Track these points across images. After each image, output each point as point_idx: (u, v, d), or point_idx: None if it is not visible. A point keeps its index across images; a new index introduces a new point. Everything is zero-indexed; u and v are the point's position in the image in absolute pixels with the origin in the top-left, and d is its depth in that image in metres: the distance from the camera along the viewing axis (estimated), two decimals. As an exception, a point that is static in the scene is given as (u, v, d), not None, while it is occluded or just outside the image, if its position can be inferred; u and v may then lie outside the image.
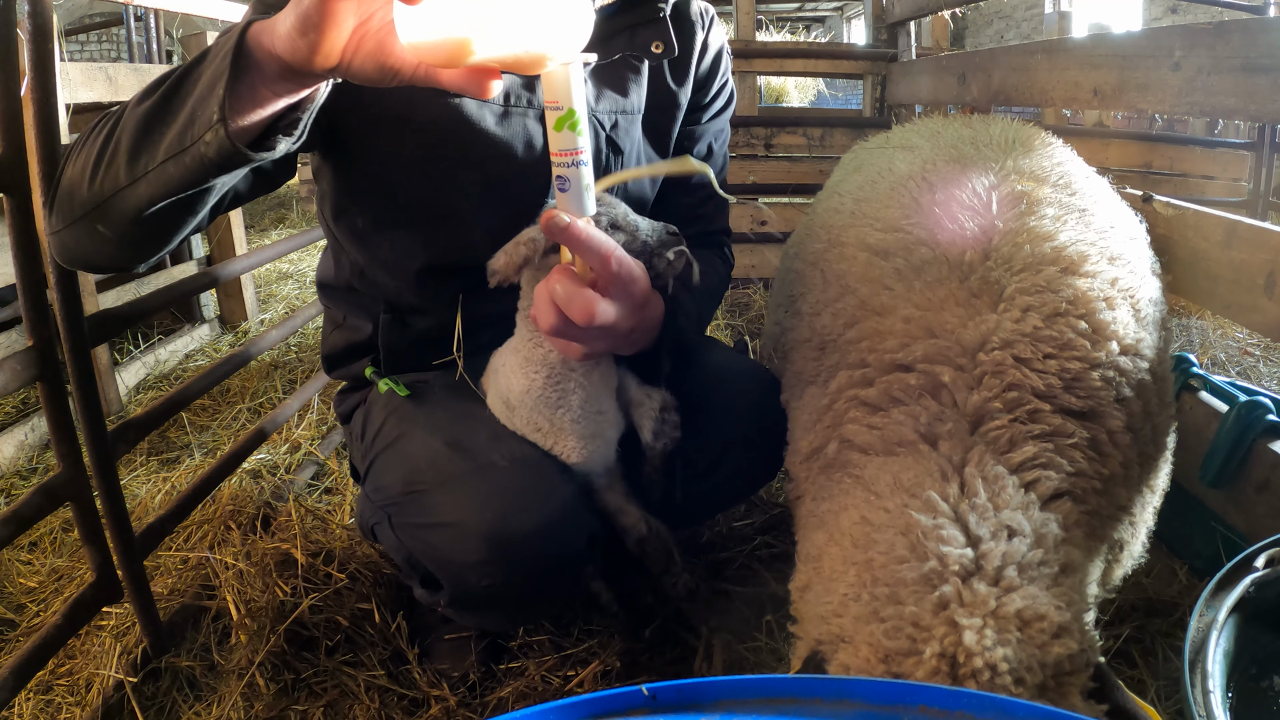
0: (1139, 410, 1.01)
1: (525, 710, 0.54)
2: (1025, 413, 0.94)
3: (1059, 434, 0.94)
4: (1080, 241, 1.08)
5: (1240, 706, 0.88)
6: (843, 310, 1.17)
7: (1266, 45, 1.32)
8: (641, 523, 1.33)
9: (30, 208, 1.21)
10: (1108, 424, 0.97)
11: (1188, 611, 0.99)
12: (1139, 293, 1.09)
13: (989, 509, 0.85)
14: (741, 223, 3.68)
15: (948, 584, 0.79)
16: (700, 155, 1.43)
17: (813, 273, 1.32)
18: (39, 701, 1.42)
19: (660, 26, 1.28)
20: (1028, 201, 1.14)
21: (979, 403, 0.96)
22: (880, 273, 1.14)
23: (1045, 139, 1.42)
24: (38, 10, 1.18)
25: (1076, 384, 0.97)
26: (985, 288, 1.04)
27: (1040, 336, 0.98)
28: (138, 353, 3.12)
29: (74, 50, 9.47)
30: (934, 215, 1.16)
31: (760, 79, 4.84)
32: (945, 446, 0.94)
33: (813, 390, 1.18)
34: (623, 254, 1.00)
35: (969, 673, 0.73)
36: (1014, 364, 0.96)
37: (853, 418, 1.05)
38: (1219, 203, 3.86)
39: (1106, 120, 5.34)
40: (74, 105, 2.69)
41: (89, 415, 1.34)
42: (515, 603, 1.22)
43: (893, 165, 1.43)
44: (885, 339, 1.06)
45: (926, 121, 1.72)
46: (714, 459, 1.35)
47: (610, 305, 1.00)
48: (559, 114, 0.87)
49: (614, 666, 1.44)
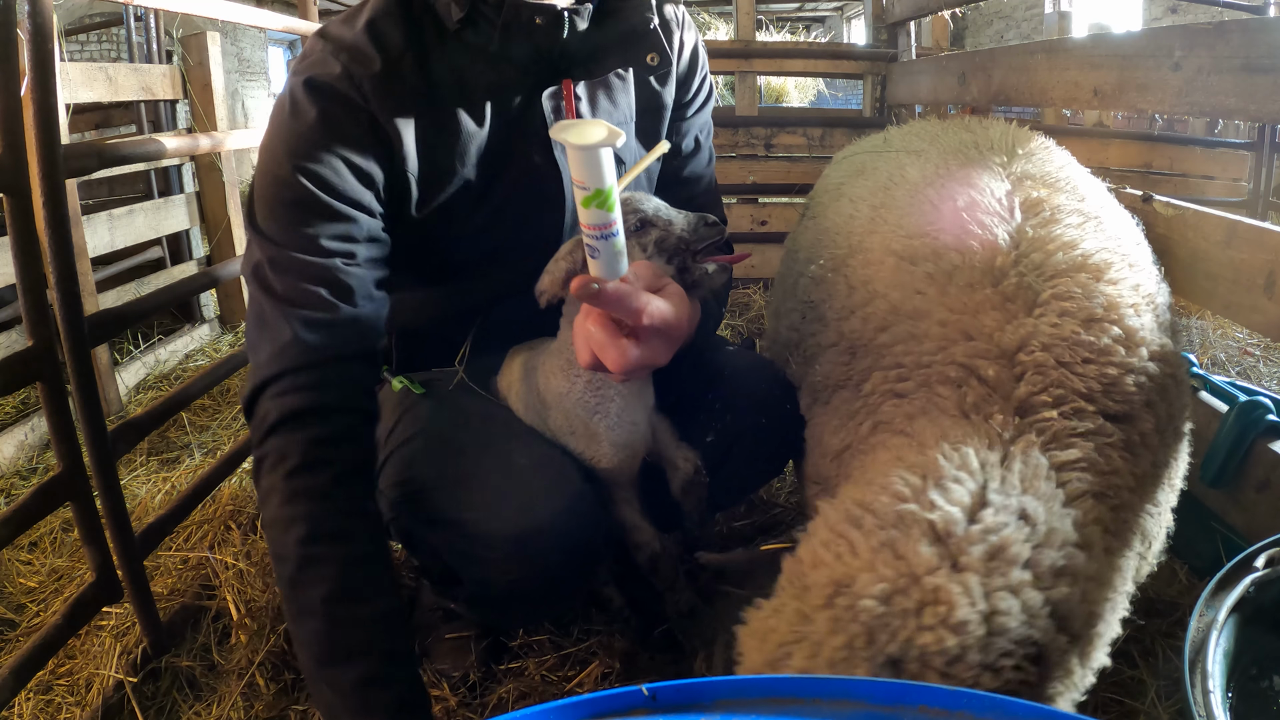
0: (1165, 414, 1.03)
1: (525, 710, 0.54)
2: (1072, 410, 0.96)
3: (1101, 433, 0.96)
4: (1103, 249, 1.10)
5: (1240, 706, 0.88)
6: (873, 315, 1.18)
7: (1266, 45, 1.32)
8: (655, 540, 1.36)
9: (30, 208, 1.21)
10: (1141, 427, 0.99)
11: (1188, 611, 0.99)
12: (1158, 298, 1.11)
13: (1016, 488, 0.87)
14: (742, 222, 3.68)
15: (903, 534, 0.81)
16: (688, 150, 1.44)
17: (835, 279, 1.32)
18: (39, 701, 1.42)
19: (652, 38, 1.28)
20: (1050, 209, 1.16)
21: (1025, 394, 0.97)
22: (911, 278, 1.16)
23: (1043, 142, 1.44)
24: (38, 10, 1.18)
25: (1114, 388, 0.99)
26: (1019, 293, 1.05)
27: (1079, 341, 1.00)
28: (138, 353, 3.12)
29: (74, 50, 9.47)
30: (958, 221, 1.18)
31: (760, 79, 4.84)
32: (998, 420, 0.95)
33: (843, 394, 1.19)
34: (657, 306, 0.98)
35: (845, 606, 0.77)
36: (1056, 365, 0.98)
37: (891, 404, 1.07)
38: (1219, 203, 3.86)
39: (1106, 120, 5.34)
40: (74, 105, 2.69)
41: (89, 415, 1.34)
42: (534, 598, 1.23)
43: (904, 171, 1.43)
44: (922, 341, 1.08)
45: (924, 124, 1.72)
46: (723, 452, 1.36)
47: (644, 348, 1.01)
48: (586, 193, 0.86)
49: (614, 667, 1.44)
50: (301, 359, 1.04)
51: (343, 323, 1.06)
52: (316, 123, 1.06)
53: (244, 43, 11.45)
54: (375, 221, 1.12)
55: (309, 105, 1.06)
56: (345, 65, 1.08)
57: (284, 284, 1.05)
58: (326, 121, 1.06)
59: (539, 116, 1.21)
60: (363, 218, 1.09)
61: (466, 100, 1.16)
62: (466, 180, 1.19)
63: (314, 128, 1.06)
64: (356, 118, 1.08)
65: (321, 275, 1.05)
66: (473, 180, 1.20)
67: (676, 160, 1.43)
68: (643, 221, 1.12)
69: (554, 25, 1.14)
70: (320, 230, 1.06)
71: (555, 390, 1.24)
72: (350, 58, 1.08)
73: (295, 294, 1.05)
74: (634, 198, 1.15)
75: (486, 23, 1.12)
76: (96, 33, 9.42)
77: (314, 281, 1.05)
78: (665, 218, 1.13)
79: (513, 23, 1.12)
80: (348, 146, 1.07)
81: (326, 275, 1.06)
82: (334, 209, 1.06)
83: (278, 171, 1.06)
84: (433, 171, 1.16)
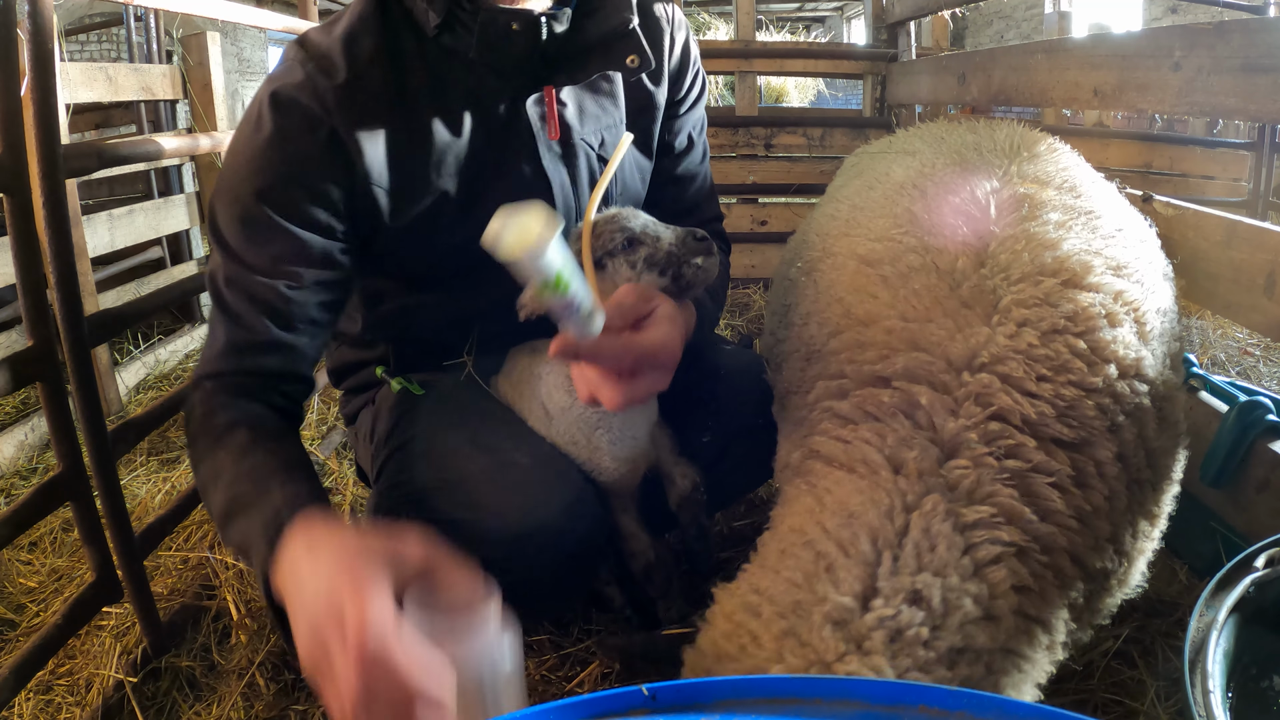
0: (1132, 438, 0.96)
1: (525, 710, 0.54)
2: (1004, 449, 0.89)
3: (1038, 470, 0.89)
4: (1084, 251, 1.03)
5: (1240, 706, 0.88)
6: (828, 320, 1.13)
7: (1266, 45, 1.31)
8: (650, 550, 1.37)
9: (30, 208, 1.21)
10: (1097, 455, 0.92)
11: (1188, 611, 0.98)
12: (1144, 305, 1.02)
13: (910, 565, 0.83)
14: (742, 222, 3.68)
15: (806, 623, 0.80)
16: (682, 147, 1.43)
17: (806, 282, 1.29)
18: (39, 701, 1.42)
19: (632, 39, 1.22)
20: (1029, 205, 1.09)
21: (955, 430, 0.90)
22: (866, 280, 1.10)
23: (1051, 143, 1.39)
24: (38, 10, 1.18)
25: (1070, 412, 0.91)
26: (978, 298, 0.98)
27: (1035, 355, 0.92)
28: (138, 353, 3.12)
29: (74, 50, 9.46)
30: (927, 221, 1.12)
31: (760, 79, 4.83)
32: (904, 482, 0.89)
33: (794, 399, 1.16)
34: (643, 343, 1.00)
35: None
36: (1002, 387, 0.91)
37: (824, 429, 1.02)
38: (1219, 203, 3.85)
39: (1106, 120, 5.34)
40: (74, 105, 2.69)
41: (89, 415, 1.34)
42: (536, 598, 1.23)
43: (890, 172, 1.41)
44: (865, 350, 1.02)
45: (931, 126, 1.68)
46: (720, 452, 1.35)
47: (639, 383, 1.02)
48: (537, 286, 0.84)
49: (614, 667, 1.44)
50: (231, 365, 1.10)
51: (274, 345, 1.11)
52: (272, 138, 1.06)
53: (244, 43, 11.45)
54: (331, 243, 1.12)
55: (269, 119, 1.06)
56: (309, 75, 1.07)
57: (231, 295, 1.09)
58: (283, 138, 1.06)
59: (525, 125, 1.19)
60: (314, 239, 1.10)
61: (443, 109, 1.15)
62: (444, 191, 1.18)
63: (270, 144, 1.06)
64: (315, 133, 1.07)
65: (263, 295, 1.08)
66: (452, 191, 1.19)
67: (671, 158, 1.42)
68: (630, 240, 1.12)
69: (531, 31, 1.12)
70: (268, 250, 1.08)
71: (558, 404, 1.24)
72: (316, 67, 1.08)
73: (238, 308, 1.09)
74: (621, 214, 1.14)
75: (464, 29, 1.11)
76: (96, 33, 9.42)
77: (254, 301, 1.09)
78: (653, 234, 1.12)
79: (489, 29, 1.10)
80: (303, 165, 1.07)
81: (268, 296, 1.08)
82: (284, 229, 1.07)
83: (235, 186, 1.08)
84: (405, 183, 1.15)
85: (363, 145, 1.10)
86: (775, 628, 0.81)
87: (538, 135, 1.20)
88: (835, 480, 0.95)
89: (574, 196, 1.27)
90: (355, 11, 1.12)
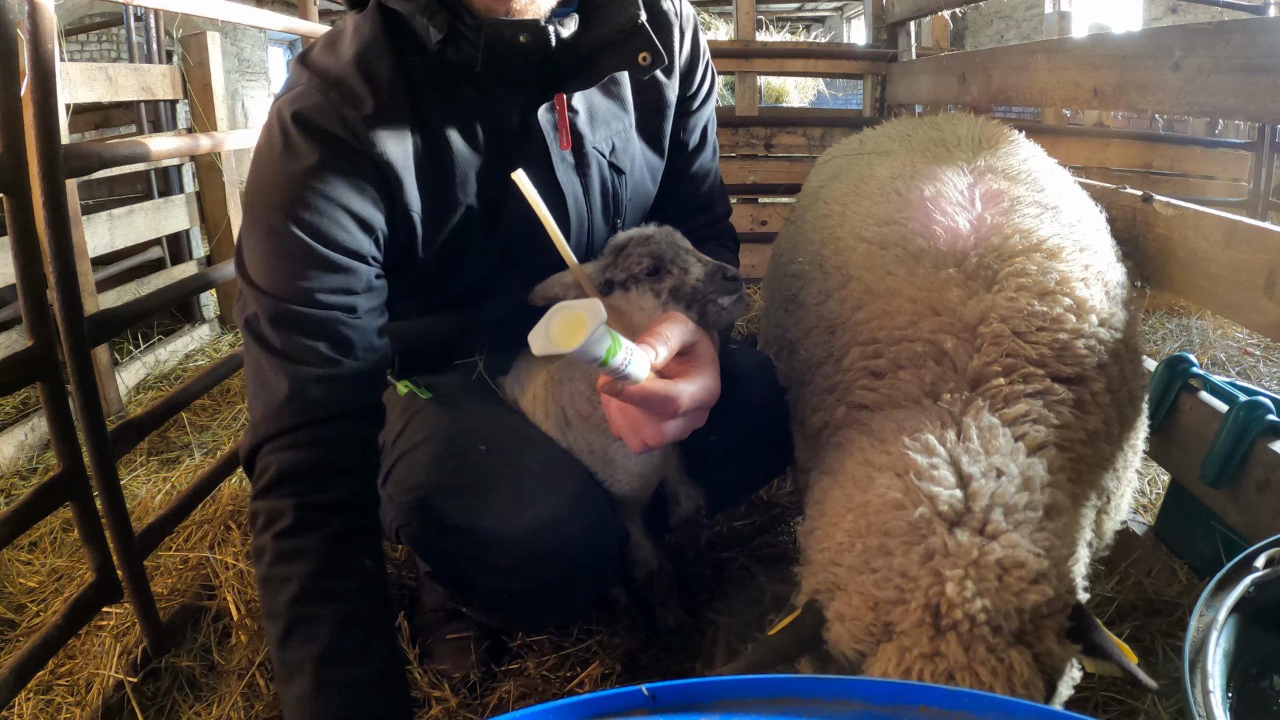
0: (1116, 375, 1.14)
1: (525, 710, 0.54)
2: (1020, 376, 1.06)
3: (1049, 394, 1.06)
4: (1057, 235, 1.22)
5: (1240, 706, 0.88)
6: (849, 296, 1.27)
7: (1266, 45, 1.31)
8: (653, 559, 1.39)
9: (30, 208, 1.21)
10: (1091, 386, 1.10)
11: (1188, 611, 0.99)
12: (1108, 275, 1.23)
13: (981, 453, 0.96)
14: (742, 222, 3.68)
15: (935, 534, 0.87)
16: (695, 145, 1.41)
17: (812, 268, 1.40)
18: (39, 701, 1.42)
19: (642, 36, 1.17)
20: (1009, 200, 1.27)
21: (979, 366, 1.07)
22: (881, 261, 1.25)
23: (1009, 135, 1.53)
24: (37, 10, 1.18)
25: (1065, 352, 1.09)
26: (980, 272, 1.16)
27: (1033, 312, 1.11)
28: (138, 353, 3.12)
29: (74, 50, 9.47)
30: (924, 210, 1.27)
31: (760, 79, 4.83)
32: (947, 400, 1.05)
33: (825, 369, 1.26)
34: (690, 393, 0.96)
35: (950, 624, 0.82)
36: (1010, 335, 1.08)
37: (863, 385, 1.16)
38: (1219, 203, 3.86)
39: (1106, 120, 5.34)
40: (74, 105, 2.69)
41: (89, 415, 1.34)
42: (550, 603, 1.23)
43: (873, 170, 1.50)
44: (894, 317, 1.17)
45: (896, 123, 1.82)
46: (725, 452, 1.35)
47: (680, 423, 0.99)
48: (594, 365, 0.83)
49: (614, 667, 1.44)
50: (300, 417, 1.02)
51: (344, 378, 1.04)
52: (315, 169, 1.01)
53: (244, 43, 11.46)
54: (373, 269, 1.09)
55: (306, 148, 1.01)
56: (336, 106, 1.03)
57: (281, 338, 1.02)
58: (324, 167, 1.01)
59: (538, 135, 1.16)
60: (361, 267, 1.06)
61: (458, 125, 1.13)
62: (469, 208, 1.16)
63: (311, 173, 1.01)
64: (357, 163, 1.04)
65: (321, 330, 1.02)
66: (476, 206, 1.17)
67: (684, 156, 1.41)
68: (657, 266, 1.10)
69: (540, 42, 1.08)
70: (318, 283, 1.02)
71: (579, 412, 1.24)
72: (341, 96, 1.03)
73: (293, 349, 1.02)
74: (654, 237, 1.13)
75: (467, 43, 1.06)
76: (96, 33, 9.43)
77: (313, 336, 1.02)
78: (681, 265, 1.11)
79: (496, 44, 1.06)
80: (347, 194, 1.03)
81: (326, 329, 1.03)
82: (332, 261, 1.02)
83: (271, 221, 1.02)
84: (435, 206, 1.13)
85: (400, 175, 1.07)
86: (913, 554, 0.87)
87: (550, 146, 1.17)
88: (884, 417, 1.08)
89: (586, 207, 1.25)
90: (364, 32, 1.08)
